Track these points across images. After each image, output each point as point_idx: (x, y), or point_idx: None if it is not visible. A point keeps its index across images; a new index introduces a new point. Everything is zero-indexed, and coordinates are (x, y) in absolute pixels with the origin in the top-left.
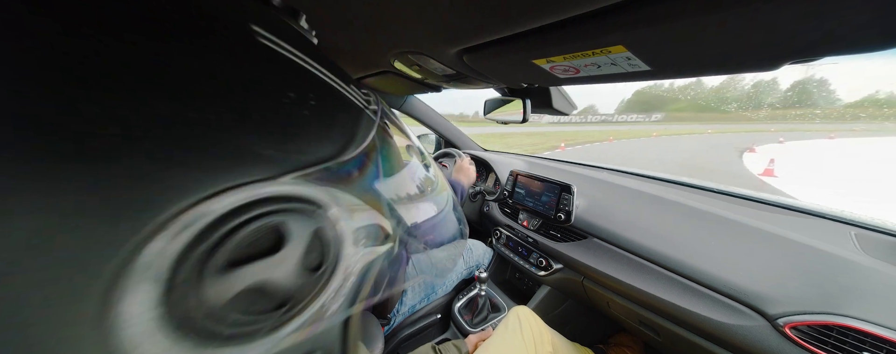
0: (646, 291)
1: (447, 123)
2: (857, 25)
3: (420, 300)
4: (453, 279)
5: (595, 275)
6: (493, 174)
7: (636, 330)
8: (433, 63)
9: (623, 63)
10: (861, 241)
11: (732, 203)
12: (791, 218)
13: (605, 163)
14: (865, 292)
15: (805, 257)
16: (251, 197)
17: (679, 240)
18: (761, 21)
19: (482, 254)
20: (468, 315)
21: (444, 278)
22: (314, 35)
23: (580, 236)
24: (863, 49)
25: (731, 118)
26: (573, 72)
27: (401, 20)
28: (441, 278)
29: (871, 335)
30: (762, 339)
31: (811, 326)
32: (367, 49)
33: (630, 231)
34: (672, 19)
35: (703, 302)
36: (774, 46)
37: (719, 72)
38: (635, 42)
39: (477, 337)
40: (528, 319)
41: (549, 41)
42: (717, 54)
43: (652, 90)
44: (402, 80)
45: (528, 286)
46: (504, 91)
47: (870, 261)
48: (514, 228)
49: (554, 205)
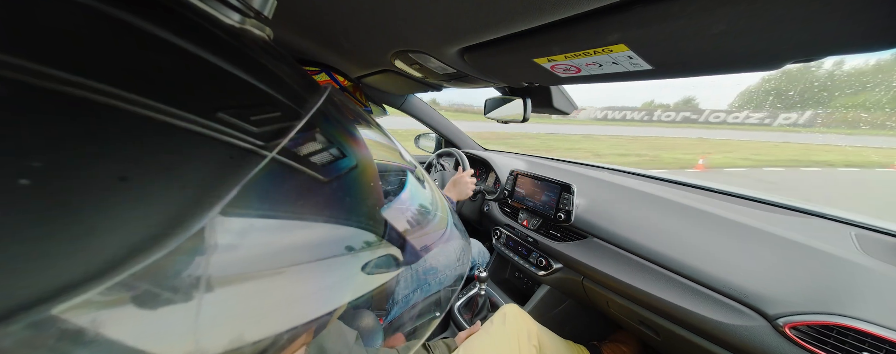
0: (645, 291)
1: (447, 122)
2: (858, 25)
3: (412, 290)
4: (449, 273)
5: (595, 275)
6: (493, 173)
7: (636, 330)
8: (434, 62)
9: (625, 62)
10: (861, 241)
11: (732, 203)
12: (791, 218)
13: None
14: (865, 292)
15: (805, 257)
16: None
17: (679, 240)
18: (762, 20)
19: (478, 252)
20: (468, 314)
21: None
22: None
23: (580, 236)
24: (864, 48)
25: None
26: (574, 71)
27: (402, 19)
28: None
29: (870, 335)
30: (762, 339)
31: (811, 326)
32: (367, 48)
33: (630, 230)
34: (674, 18)
35: (702, 302)
36: (776, 46)
37: (721, 71)
38: (637, 41)
39: (466, 333)
40: (514, 316)
41: (551, 40)
42: (719, 53)
43: (804, 73)
44: (403, 79)
45: (527, 285)
46: (504, 90)
47: (870, 261)
48: (514, 228)
49: (554, 205)
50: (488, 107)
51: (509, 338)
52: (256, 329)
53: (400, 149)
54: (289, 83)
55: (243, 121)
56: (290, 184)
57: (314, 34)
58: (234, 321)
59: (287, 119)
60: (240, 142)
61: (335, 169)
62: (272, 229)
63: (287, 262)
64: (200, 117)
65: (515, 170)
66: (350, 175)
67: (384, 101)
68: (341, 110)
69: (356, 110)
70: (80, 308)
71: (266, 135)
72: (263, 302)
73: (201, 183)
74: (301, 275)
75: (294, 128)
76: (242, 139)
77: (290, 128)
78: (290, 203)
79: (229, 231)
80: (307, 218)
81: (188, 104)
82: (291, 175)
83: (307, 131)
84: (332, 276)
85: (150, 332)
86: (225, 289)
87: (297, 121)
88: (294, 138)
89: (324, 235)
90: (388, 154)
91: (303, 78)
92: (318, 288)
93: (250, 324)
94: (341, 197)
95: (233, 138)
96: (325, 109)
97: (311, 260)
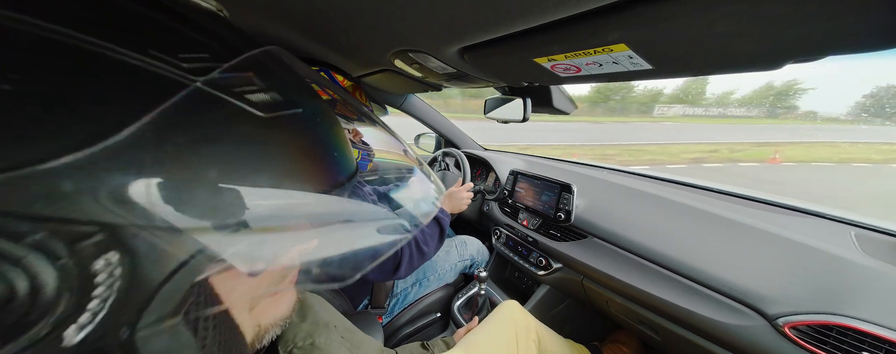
0: (645, 290)
1: (447, 122)
2: (858, 25)
3: (411, 284)
4: (446, 268)
5: (594, 275)
6: (493, 173)
7: (635, 330)
8: (434, 61)
9: (625, 61)
10: (861, 241)
11: (732, 202)
12: (791, 217)
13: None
14: (865, 292)
15: (804, 257)
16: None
17: (679, 240)
18: (763, 20)
19: (477, 251)
20: (468, 313)
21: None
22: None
23: (580, 235)
24: (864, 48)
25: None
26: (574, 70)
27: (402, 18)
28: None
29: (870, 335)
30: (761, 339)
31: (810, 326)
32: (367, 47)
33: (630, 230)
34: (674, 18)
35: (702, 302)
36: (776, 45)
37: (721, 71)
38: (637, 40)
39: (464, 330)
40: (513, 311)
41: (551, 39)
42: (719, 53)
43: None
44: (403, 79)
45: (527, 285)
46: (504, 89)
47: (869, 261)
48: (513, 227)
49: (554, 205)
50: (488, 106)
51: (508, 334)
52: None
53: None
54: (223, 36)
55: (174, 57)
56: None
57: (314, 33)
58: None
59: (217, 60)
60: (168, 73)
61: (270, 108)
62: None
63: None
64: (139, 53)
65: (515, 170)
66: (288, 119)
67: (384, 101)
68: (283, 66)
69: (310, 73)
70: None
71: (196, 71)
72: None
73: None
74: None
75: (222, 67)
76: (170, 71)
77: (218, 67)
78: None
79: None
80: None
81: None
82: (217, 104)
83: (238, 72)
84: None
85: None
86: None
87: (226, 62)
88: (225, 75)
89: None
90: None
91: (240, 36)
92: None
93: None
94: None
95: (162, 70)
96: (259, 57)
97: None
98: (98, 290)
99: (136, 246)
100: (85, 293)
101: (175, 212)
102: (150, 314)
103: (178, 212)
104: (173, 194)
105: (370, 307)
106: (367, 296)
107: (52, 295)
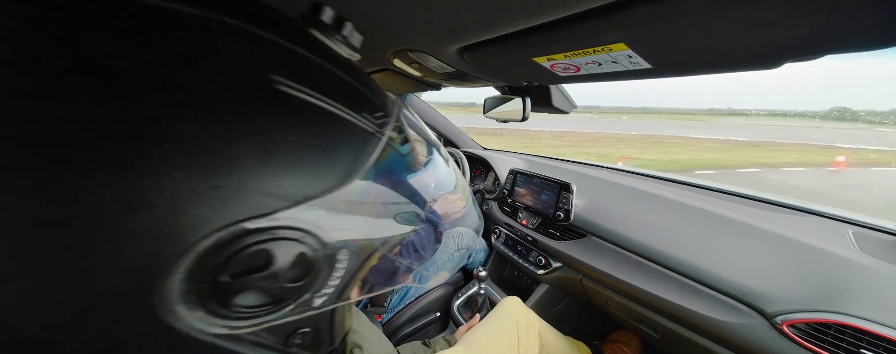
0: (644, 289)
1: (446, 121)
2: (857, 23)
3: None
4: (444, 258)
5: (594, 274)
6: (492, 172)
7: (635, 328)
8: (433, 61)
9: (624, 61)
10: (859, 240)
11: (731, 201)
12: (789, 216)
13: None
14: (863, 290)
15: (803, 255)
16: (247, 228)
17: (678, 239)
18: (762, 19)
19: (472, 241)
20: (468, 313)
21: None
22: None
23: (579, 234)
24: (863, 47)
25: None
26: (574, 70)
27: (401, 18)
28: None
29: (868, 332)
30: (760, 337)
31: (809, 324)
32: (366, 47)
33: (629, 229)
34: (673, 17)
35: (701, 301)
36: (775, 45)
37: (720, 70)
38: (637, 40)
39: (465, 327)
40: (515, 308)
41: (550, 39)
42: (718, 52)
43: None
44: (402, 78)
45: (527, 284)
46: (504, 89)
47: (867, 260)
48: (513, 227)
49: (553, 204)
50: (487, 106)
51: (509, 330)
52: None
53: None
54: (376, 89)
55: (369, 113)
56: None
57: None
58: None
59: (386, 115)
60: (368, 126)
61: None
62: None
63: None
64: (349, 110)
65: (515, 169)
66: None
67: None
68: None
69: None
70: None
71: (379, 124)
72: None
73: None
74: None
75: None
76: (369, 124)
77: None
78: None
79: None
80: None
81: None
82: (395, 150)
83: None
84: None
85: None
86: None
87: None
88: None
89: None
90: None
91: (378, 88)
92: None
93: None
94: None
95: (365, 124)
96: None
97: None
98: (337, 272)
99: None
100: (332, 271)
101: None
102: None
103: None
104: (375, 209)
105: (369, 305)
106: None
107: (318, 270)
